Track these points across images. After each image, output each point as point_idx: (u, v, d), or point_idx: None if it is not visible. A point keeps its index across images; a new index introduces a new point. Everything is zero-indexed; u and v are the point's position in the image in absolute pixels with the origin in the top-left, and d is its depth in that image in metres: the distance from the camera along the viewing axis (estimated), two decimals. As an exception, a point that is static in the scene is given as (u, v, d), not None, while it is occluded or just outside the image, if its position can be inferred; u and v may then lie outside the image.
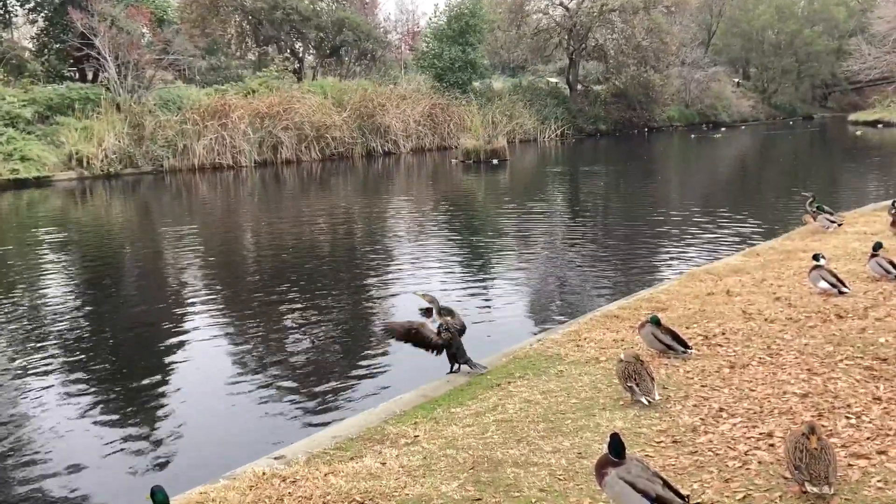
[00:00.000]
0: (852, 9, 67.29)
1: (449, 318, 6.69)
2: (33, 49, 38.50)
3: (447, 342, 6.50)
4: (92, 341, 9.56)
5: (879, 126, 48.63)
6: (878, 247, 8.71)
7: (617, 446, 3.85)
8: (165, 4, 39.58)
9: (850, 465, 4.32)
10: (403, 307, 10.45)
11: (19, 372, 8.37)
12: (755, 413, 5.15)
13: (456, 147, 35.95)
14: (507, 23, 50.08)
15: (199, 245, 16.31)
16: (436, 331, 6.52)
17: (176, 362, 8.69)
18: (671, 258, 13.12)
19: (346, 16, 46.15)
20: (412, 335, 6.45)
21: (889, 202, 13.19)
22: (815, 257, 8.18)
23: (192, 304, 11.25)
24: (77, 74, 37.39)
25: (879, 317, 7.10)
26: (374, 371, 8.10)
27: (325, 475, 4.66)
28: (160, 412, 7.29)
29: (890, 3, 54.42)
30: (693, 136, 47.79)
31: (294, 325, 9.99)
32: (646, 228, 16.32)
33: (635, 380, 5.38)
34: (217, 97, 33.96)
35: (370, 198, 23.53)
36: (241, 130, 32.66)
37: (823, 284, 7.95)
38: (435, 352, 6.53)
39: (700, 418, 5.12)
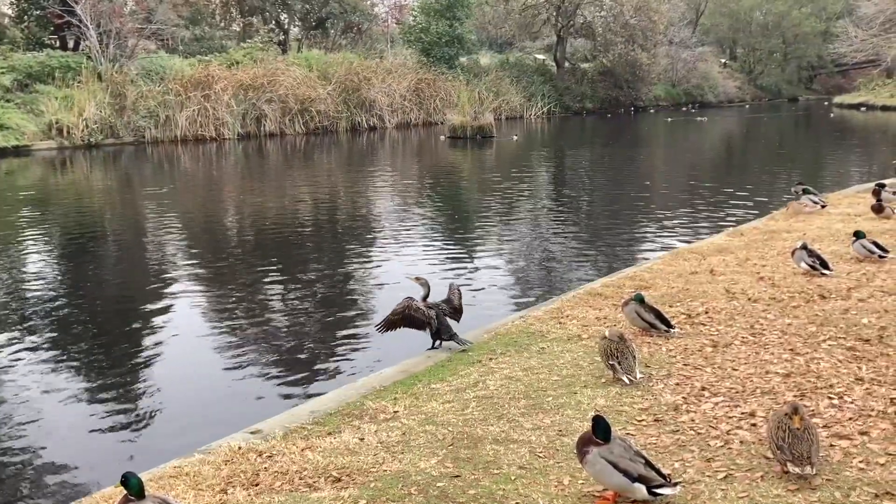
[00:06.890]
0: (841, -10, 67.15)
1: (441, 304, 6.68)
2: (12, 15, 37.68)
3: (430, 318, 6.49)
4: (68, 314, 9.42)
5: (863, 109, 48.68)
6: (860, 234, 8.68)
7: (604, 430, 3.78)
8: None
9: (832, 445, 4.31)
10: (385, 282, 10.39)
11: (-7, 343, 8.22)
12: (737, 392, 5.12)
13: (442, 123, 35.70)
14: (496, -2, 49.63)
15: (180, 218, 16.13)
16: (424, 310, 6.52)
17: (154, 335, 8.56)
18: (655, 237, 13.10)
19: (333, -13, 45.55)
20: (408, 317, 6.45)
21: (872, 184, 13.22)
22: (804, 247, 8.14)
23: (172, 277, 11.11)
24: (58, 42, 36.67)
25: (862, 298, 7.10)
26: (355, 345, 8.03)
27: (302, 450, 4.59)
28: (136, 384, 7.19)
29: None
30: (669, 119, 45.46)
31: (275, 299, 9.89)
32: (630, 207, 16.29)
33: (617, 358, 5.34)
34: (200, 68, 33.49)
35: (355, 173, 23.34)
36: (224, 102, 32.26)
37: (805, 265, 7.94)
38: (428, 329, 6.55)
39: (682, 397, 5.08)
